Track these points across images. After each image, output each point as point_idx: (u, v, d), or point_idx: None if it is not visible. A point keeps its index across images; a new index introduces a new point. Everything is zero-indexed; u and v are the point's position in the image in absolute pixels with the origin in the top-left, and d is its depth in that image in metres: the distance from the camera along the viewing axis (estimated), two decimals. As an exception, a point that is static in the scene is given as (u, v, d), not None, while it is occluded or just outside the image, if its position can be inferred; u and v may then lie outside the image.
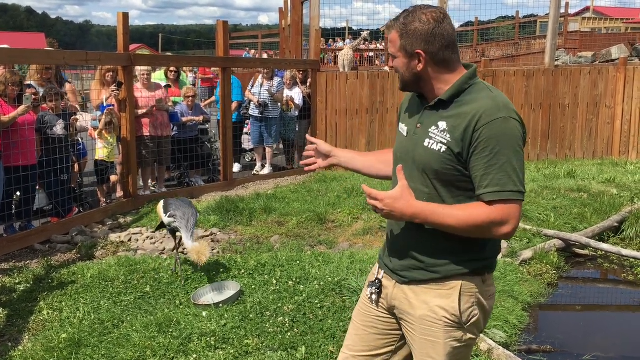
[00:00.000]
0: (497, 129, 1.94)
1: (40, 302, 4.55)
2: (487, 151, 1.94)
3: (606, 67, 10.69)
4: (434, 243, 2.08)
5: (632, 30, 23.16)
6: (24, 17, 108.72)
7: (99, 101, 7.60)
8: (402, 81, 2.17)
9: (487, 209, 1.95)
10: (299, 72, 10.06)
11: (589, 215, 6.88)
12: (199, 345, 3.73)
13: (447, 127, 2.03)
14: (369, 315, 2.28)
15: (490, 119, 1.95)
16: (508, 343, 4.17)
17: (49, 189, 6.56)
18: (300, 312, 4.20)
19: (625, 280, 5.79)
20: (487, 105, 1.98)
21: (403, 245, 2.16)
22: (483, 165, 1.95)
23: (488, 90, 2.06)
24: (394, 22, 2.11)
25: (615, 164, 9.60)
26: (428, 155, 2.05)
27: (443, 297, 2.08)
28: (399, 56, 2.11)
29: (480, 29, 22.14)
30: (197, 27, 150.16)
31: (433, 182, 2.07)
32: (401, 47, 2.09)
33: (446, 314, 2.07)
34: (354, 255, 5.41)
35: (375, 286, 2.24)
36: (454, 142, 2.00)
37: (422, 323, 2.10)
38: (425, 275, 2.11)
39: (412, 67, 2.09)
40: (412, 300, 2.13)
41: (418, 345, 2.14)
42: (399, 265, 2.17)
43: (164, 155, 8.09)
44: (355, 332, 2.32)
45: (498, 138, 1.94)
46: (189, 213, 4.72)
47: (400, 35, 2.08)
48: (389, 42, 2.13)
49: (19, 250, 5.80)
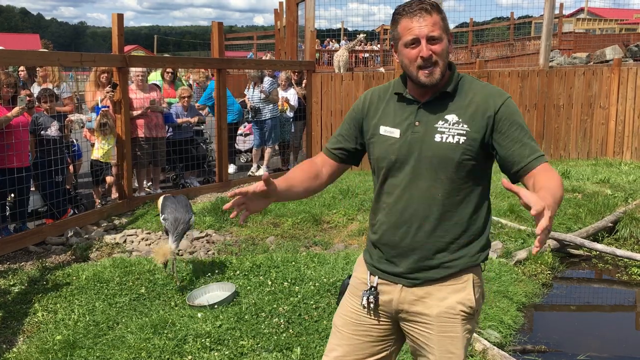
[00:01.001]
0: (512, 106, 2.08)
1: (35, 303, 4.54)
2: (514, 126, 2.04)
3: (600, 67, 10.73)
4: (447, 240, 2.09)
5: (626, 31, 23.25)
6: (18, 18, 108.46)
7: (94, 102, 7.59)
8: (444, 68, 2.05)
9: (552, 173, 2.00)
10: (294, 73, 10.07)
11: (583, 216, 6.91)
12: (194, 346, 3.73)
13: (460, 118, 2.05)
14: (362, 324, 2.21)
15: (504, 100, 2.07)
16: (503, 343, 4.18)
17: (43, 190, 6.55)
18: (295, 313, 4.20)
19: (619, 280, 5.82)
20: (493, 90, 2.10)
21: (411, 248, 2.11)
22: (517, 139, 2.03)
23: (477, 80, 2.14)
24: (427, 5, 2.02)
25: (610, 164, 9.63)
26: (444, 150, 2.04)
27: (459, 291, 2.10)
28: (443, 38, 2.03)
29: (475, 29, 22.20)
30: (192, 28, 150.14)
31: (446, 176, 2.05)
32: (444, 29, 2.04)
33: (463, 307, 2.09)
34: (349, 256, 5.42)
35: (373, 294, 2.17)
36: (474, 130, 2.04)
37: (440, 320, 2.10)
38: (440, 273, 2.11)
39: (449, 52, 2.08)
40: (427, 301, 2.11)
41: (436, 344, 2.11)
42: (407, 268, 2.12)
43: (159, 156, 8.08)
44: (346, 342, 2.22)
45: (516, 114, 2.07)
46: (181, 219, 4.72)
47: (442, 17, 2.04)
48: (431, 24, 2.00)
49: (14, 252, 5.78)
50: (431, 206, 2.08)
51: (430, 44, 2.01)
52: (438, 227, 2.08)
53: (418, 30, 2.01)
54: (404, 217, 2.11)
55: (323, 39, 21.91)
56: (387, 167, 2.14)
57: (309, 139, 9.85)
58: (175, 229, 4.70)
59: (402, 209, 2.11)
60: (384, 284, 2.18)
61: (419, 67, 2.03)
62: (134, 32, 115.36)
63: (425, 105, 2.10)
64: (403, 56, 2.07)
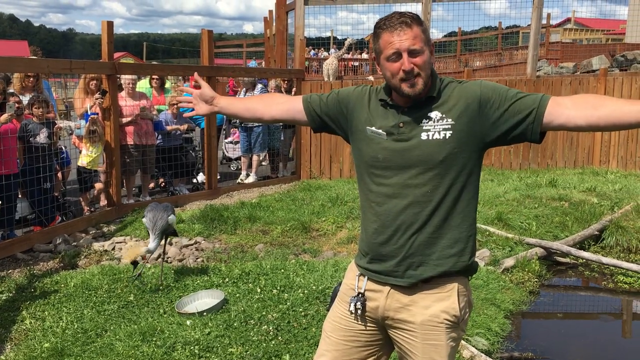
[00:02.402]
0: (490, 84, 2.13)
1: (23, 311, 4.52)
2: (503, 94, 2.09)
3: (587, 77, 10.85)
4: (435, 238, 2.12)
5: (613, 41, 23.51)
6: (6, 24, 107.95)
7: (83, 109, 7.57)
8: (426, 79, 2.08)
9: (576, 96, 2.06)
10: (284, 81, 10.10)
11: (570, 224, 6.97)
12: (183, 354, 3.72)
13: (444, 114, 2.09)
14: (350, 330, 2.24)
15: (480, 83, 2.13)
16: (490, 350, 4.21)
17: (31, 197, 6.52)
18: (284, 321, 4.21)
19: (605, 288, 5.87)
20: (467, 83, 2.16)
21: (399, 246, 2.13)
22: (516, 101, 2.06)
23: (454, 79, 2.20)
24: (407, 18, 2.06)
25: (596, 173, 9.72)
26: (431, 147, 2.07)
27: (443, 299, 2.12)
28: (424, 50, 2.07)
29: (463, 39, 22.37)
30: (181, 36, 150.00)
31: (433, 175, 2.08)
32: (425, 41, 2.07)
33: (447, 315, 2.11)
34: (338, 263, 5.43)
35: (360, 301, 2.19)
36: (458, 120, 2.07)
37: (424, 328, 2.12)
38: (427, 271, 2.12)
39: (431, 62, 2.11)
40: (411, 308, 2.14)
41: (420, 352, 2.13)
42: (396, 266, 2.14)
43: (148, 163, 8.07)
44: (334, 347, 2.26)
45: (497, 86, 2.12)
46: (159, 216, 4.78)
47: (422, 29, 2.07)
48: (412, 37, 2.04)
49: (1, 259, 5.74)
50: (419, 205, 2.10)
51: (411, 57, 2.05)
52: (426, 226, 2.11)
53: (399, 44, 2.04)
54: (391, 217, 2.13)
55: (313, 47, 21.98)
56: (375, 166, 2.17)
57: (298, 147, 9.87)
58: (154, 225, 4.75)
59: (389, 209, 2.14)
60: (371, 291, 2.21)
61: (401, 79, 2.07)
62: (123, 39, 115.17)
63: (409, 108, 2.14)
64: (385, 69, 2.11)
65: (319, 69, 19.24)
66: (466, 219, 2.15)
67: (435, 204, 2.10)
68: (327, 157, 9.86)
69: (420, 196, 2.09)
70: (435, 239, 2.11)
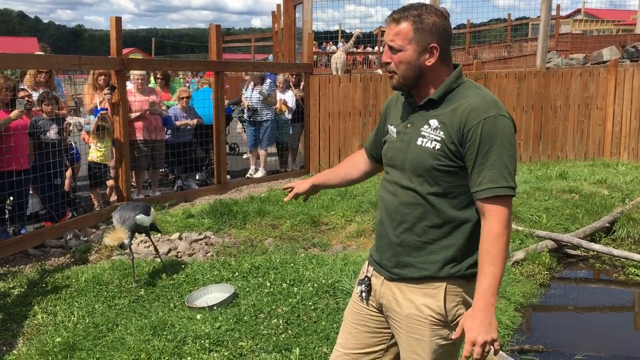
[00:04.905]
0: (488, 127, 1.98)
1: (35, 306, 4.55)
2: (478, 149, 1.98)
3: (597, 68, 10.77)
4: (423, 241, 2.12)
5: (623, 32, 23.28)
6: (16, 21, 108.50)
7: (92, 105, 7.60)
8: (402, 77, 2.10)
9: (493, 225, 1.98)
10: (292, 76, 10.09)
11: (580, 216, 6.93)
12: (194, 347, 3.74)
13: (439, 124, 2.06)
14: (360, 314, 2.31)
15: (481, 118, 1.99)
16: (501, 343, 4.20)
17: (42, 193, 6.56)
18: (294, 314, 4.22)
19: (616, 280, 5.84)
20: (477, 104, 2.01)
21: (390, 242, 2.18)
22: (476, 163, 1.99)
23: (476, 89, 2.09)
24: (405, 13, 2.05)
25: (607, 165, 9.66)
26: (422, 154, 2.07)
27: (429, 296, 2.12)
28: (407, 49, 2.06)
29: (472, 31, 22.24)
30: (190, 31, 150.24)
31: (424, 179, 2.08)
32: (413, 39, 2.05)
33: (432, 312, 2.10)
34: (348, 257, 5.43)
35: (365, 284, 2.27)
36: (448, 138, 2.03)
37: (409, 321, 2.14)
38: (412, 272, 2.13)
39: (421, 61, 2.06)
40: (399, 299, 2.16)
41: (404, 343, 2.17)
42: (387, 261, 2.20)
43: (157, 159, 8.10)
44: (347, 330, 2.34)
45: (489, 136, 1.98)
46: (126, 216, 4.84)
47: (414, 27, 2.04)
48: (393, 34, 2.06)
49: (13, 255, 5.79)
50: (408, 206, 2.13)
51: (390, 52, 2.10)
52: (414, 227, 2.12)
53: (386, 36, 2.13)
54: (388, 212, 2.20)
55: (321, 41, 21.95)
56: (386, 162, 2.27)
57: (307, 141, 9.87)
58: (121, 226, 4.79)
59: (388, 204, 2.20)
60: (375, 276, 2.28)
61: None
62: (131, 35, 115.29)
63: (420, 108, 2.14)
64: None
65: (327, 62, 19.20)
66: (460, 229, 2.10)
67: (423, 209, 2.10)
68: (335, 151, 9.85)
69: (409, 198, 2.12)
70: (423, 243, 2.11)
